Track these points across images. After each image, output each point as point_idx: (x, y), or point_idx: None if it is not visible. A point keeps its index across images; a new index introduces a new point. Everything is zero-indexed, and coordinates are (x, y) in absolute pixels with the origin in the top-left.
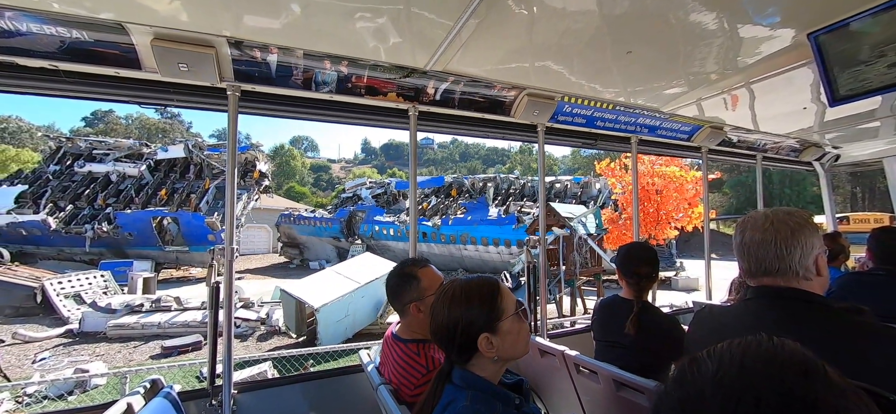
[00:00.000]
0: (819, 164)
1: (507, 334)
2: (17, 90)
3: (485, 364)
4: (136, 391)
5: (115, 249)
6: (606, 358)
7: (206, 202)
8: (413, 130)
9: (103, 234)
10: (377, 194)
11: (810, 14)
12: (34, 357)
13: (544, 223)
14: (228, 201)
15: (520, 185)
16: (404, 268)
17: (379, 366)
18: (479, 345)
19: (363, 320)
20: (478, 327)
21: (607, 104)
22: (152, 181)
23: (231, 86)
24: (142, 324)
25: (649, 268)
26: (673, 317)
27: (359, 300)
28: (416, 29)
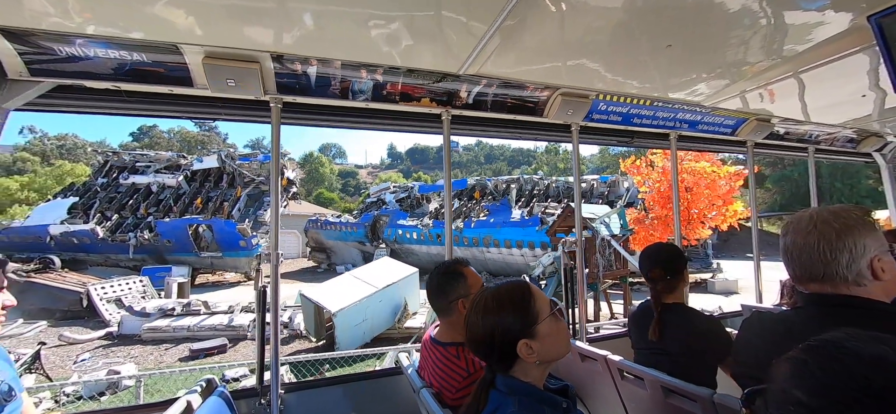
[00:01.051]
0: (880, 156)
1: (546, 337)
2: (85, 110)
3: (528, 369)
4: (193, 390)
5: (155, 255)
6: (645, 365)
7: (238, 210)
8: (446, 134)
9: (145, 241)
10: (401, 198)
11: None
12: (76, 358)
13: (580, 225)
14: (273, 208)
15: (544, 185)
16: (450, 266)
17: (418, 369)
18: (519, 351)
19: (381, 325)
20: (515, 334)
21: (644, 100)
22: (189, 191)
23: (274, 98)
24: (173, 327)
25: (661, 270)
26: (711, 317)
27: (376, 304)
28: (449, 34)
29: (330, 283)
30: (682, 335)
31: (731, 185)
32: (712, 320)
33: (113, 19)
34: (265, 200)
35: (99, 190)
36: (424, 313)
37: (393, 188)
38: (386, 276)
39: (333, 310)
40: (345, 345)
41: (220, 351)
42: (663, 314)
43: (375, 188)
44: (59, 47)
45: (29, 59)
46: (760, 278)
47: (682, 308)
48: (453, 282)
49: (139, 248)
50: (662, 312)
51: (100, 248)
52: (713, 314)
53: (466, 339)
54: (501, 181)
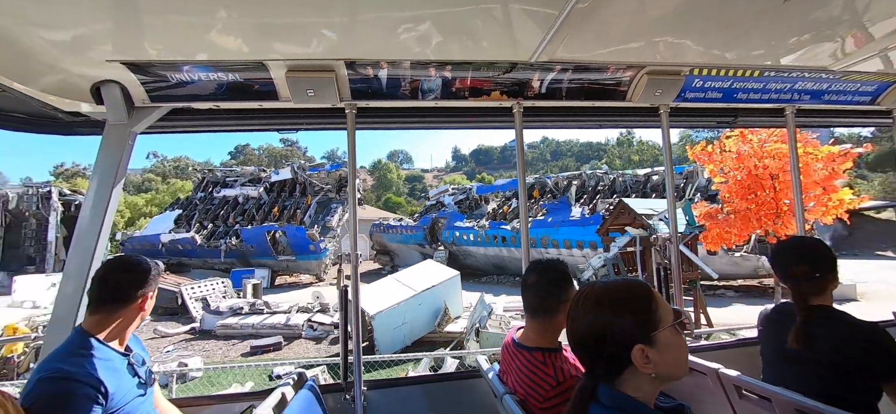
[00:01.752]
0: None
1: (666, 348)
2: (192, 129)
3: (640, 382)
4: (286, 383)
5: (242, 258)
6: (776, 381)
7: (308, 216)
8: (518, 127)
9: (233, 246)
10: (459, 200)
11: None
12: (163, 350)
13: (674, 220)
14: (351, 211)
15: (609, 180)
16: (559, 268)
17: (500, 373)
18: (633, 357)
19: (422, 328)
20: (631, 337)
21: (752, 71)
22: (267, 200)
23: (348, 104)
24: (240, 325)
25: (808, 266)
26: (874, 326)
27: (416, 308)
28: (519, 20)
29: (373, 285)
30: (835, 345)
31: (833, 168)
32: (877, 329)
33: (211, 45)
34: (332, 207)
35: (198, 203)
36: (466, 317)
37: (451, 190)
38: (427, 279)
39: (372, 313)
40: (384, 347)
41: (276, 348)
42: (809, 319)
43: (434, 191)
44: (171, 75)
45: (149, 87)
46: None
47: (834, 312)
48: (563, 285)
49: (229, 252)
50: (808, 317)
51: (198, 253)
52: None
53: (570, 334)
54: (562, 178)
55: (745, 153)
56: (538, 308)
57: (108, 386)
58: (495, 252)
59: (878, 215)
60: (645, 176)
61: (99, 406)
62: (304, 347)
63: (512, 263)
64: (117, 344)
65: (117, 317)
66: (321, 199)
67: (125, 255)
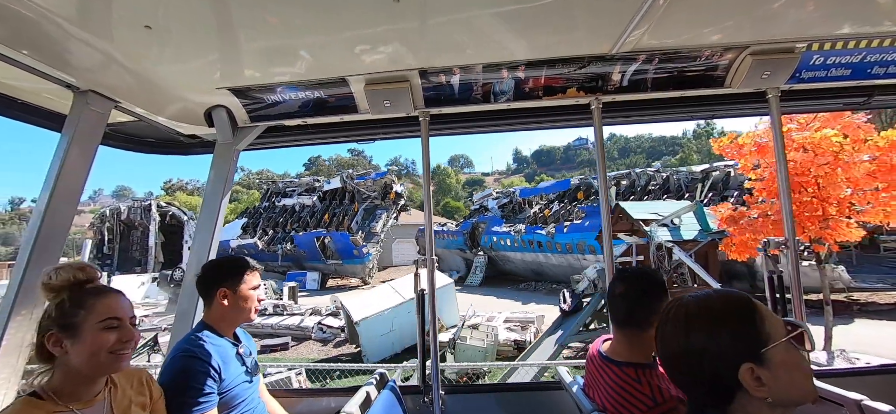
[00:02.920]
0: None
1: (780, 367)
2: (284, 145)
3: (755, 410)
4: (369, 382)
5: (297, 262)
6: None
7: (355, 222)
8: (598, 124)
9: (288, 251)
10: (503, 204)
11: None
12: None
13: (791, 223)
14: (426, 218)
15: (661, 179)
16: (650, 274)
17: (585, 387)
18: (741, 379)
19: (411, 336)
20: (736, 356)
21: (892, 40)
22: (320, 208)
23: (422, 112)
24: (261, 325)
25: None
26: None
27: (405, 315)
28: (598, 10)
29: (369, 292)
30: None
31: (891, 159)
32: None
33: (300, 66)
34: (377, 214)
35: (262, 211)
36: (455, 329)
37: (495, 194)
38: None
39: (356, 318)
40: (371, 353)
41: (283, 349)
42: None
43: (479, 195)
44: (267, 96)
45: (249, 108)
46: None
47: None
48: (656, 296)
49: (285, 256)
50: None
51: (260, 257)
52: None
53: (662, 359)
54: (611, 178)
55: (764, 146)
56: (626, 320)
57: (221, 367)
58: (532, 258)
59: None
60: (703, 173)
61: (214, 382)
62: (309, 348)
63: (549, 270)
64: (227, 334)
65: (212, 310)
66: (368, 207)
67: (216, 258)
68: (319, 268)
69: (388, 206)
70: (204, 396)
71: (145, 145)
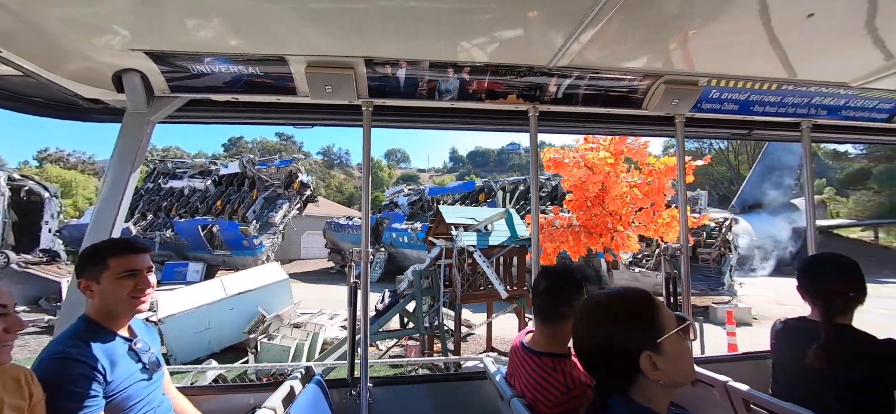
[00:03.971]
0: None
1: (672, 355)
2: (209, 121)
3: (650, 391)
4: (295, 376)
5: (178, 252)
6: (785, 393)
7: (252, 211)
8: (533, 132)
9: (167, 239)
10: (413, 201)
11: None
12: None
13: (686, 232)
14: (364, 211)
15: (552, 186)
16: (575, 274)
17: (507, 376)
18: (641, 365)
19: (232, 335)
20: (638, 345)
21: (770, 84)
22: (213, 194)
23: (365, 102)
24: None
25: (845, 286)
26: (892, 341)
27: (226, 313)
28: (540, 26)
29: (190, 287)
30: (859, 363)
31: (655, 181)
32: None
33: (234, 37)
34: (278, 203)
35: (143, 193)
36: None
37: (406, 191)
38: (248, 282)
39: (161, 315)
40: (179, 352)
41: None
42: (833, 337)
43: (390, 191)
44: (192, 65)
45: (170, 76)
46: None
47: (856, 331)
48: (574, 292)
49: (163, 245)
50: (832, 335)
51: None
52: None
53: (576, 350)
54: (509, 182)
55: (574, 161)
56: (548, 314)
57: (106, 368)
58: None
59: (848, 234)
60: (544, 183)
61: (97, 385)
62: None
63: None
64: (117, 328)
65: (91, 303)
66: (269, 195)
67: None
68: (205, 259)
69: (291, 195)
70: (89, 399)
71: (32, 106)
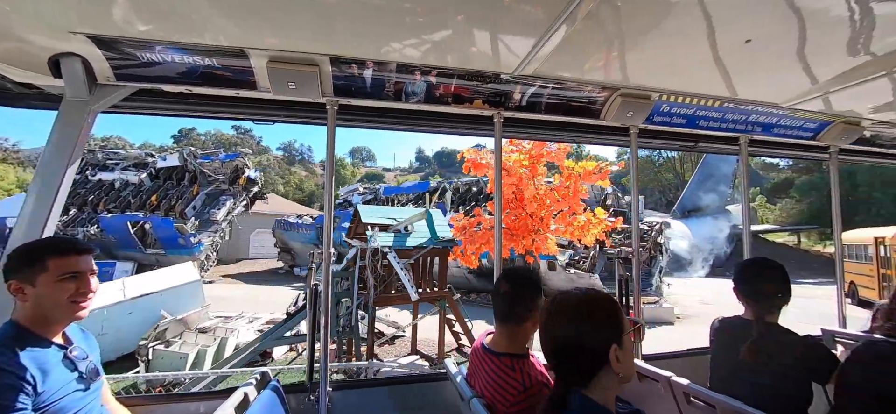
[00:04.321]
0: None
1: (627, 350)
2: (161, 113)
3: (607, 385)
4: (249, 383)
5: (106, 250)
6: (722, 386)
7: (192, 207)
8: (498, 137)
9: (92, 236)
10: (368, 200)
11: None
12: None
13: (637, 237)
14: (326, 209)
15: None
16: (528, 274)
17: (467, 377)
18: (610, 356)
19: (130, 342)
20: (607, 341)
21: (713, 101)
22: (149, 187)
23: (330, 100)
24: None
25: (775, 287)
26: (816, 341)
27: (124, 317)
28: (506, 35)
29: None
30: (785, 356)
31: (572, 185)
32: (817, 342)
33: (189, 26)
34: (221, 200)
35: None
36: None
37: (362, 190)
38: (153, 284)
39: None
40: None
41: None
42: (762, 334)
43: (344, 190)
44: (141, 53)
45: (115, 64)
46: (843, 301)
47: (783, 329)
48: (534, 294)
49: (88, 242)
50: (763, 332)
51: None
52: None
53: (546, 347)
54: (462, 183)
55: (482, 162)
56: (509, 316)
57: (36, 378)
58: None
59: (774, 239)
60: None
61: (25, 397)
62: None
63: None
64: (51, 335)
65: (20, 307)
66: (212, 191)
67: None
68: (136, 258)
69: (236, 191)
70: (14, 413)
71: None
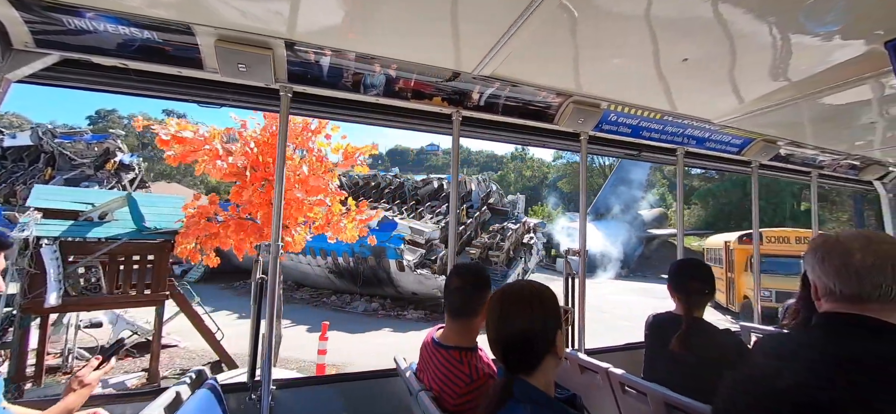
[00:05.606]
0: (881, 184)
1: (562, 336)
2: (90, 87)
3: (549, 371)
4: (183, 382)
5: None
6: (655, 376)
7: None
8: (456, 135)
9: None
10: None
11: (890, 20)
12: None
13: (584, 233)
14: (275, 199)
15: (397, 183)
16: (479, 269)
17: (417, 371)
18: (557, 342)
19: None
20: (554, 329)
21: (655, 114)
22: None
23: (284, 87)
24: None
25: (700, 283)
26: (732, 334)
27: None
28: (467, 33)
29: None
30: (707, 348)
31: (321, 174)
32: (734, 335)
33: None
34: (83, 187)
35: None
36: None
37: None
38: None
39: None
40: None
41: None
42: (690, 327)
43: None
44: (67, 19)
45: (35, 28)
46: (758, 298)
47: (707, 323)
48: (484, 288)
49: None
50: (690, 326)
51: None
52: None
53: (499, 340)
54: (395, 180)
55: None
56: (461, 310)
57: None
58: None
59: (683, 242)
60: (422, 182)
61: None
62: None
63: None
64: None
65: None
66: (74, 177)
67: None
68: None
69: (103, 178)
70: None
71: None
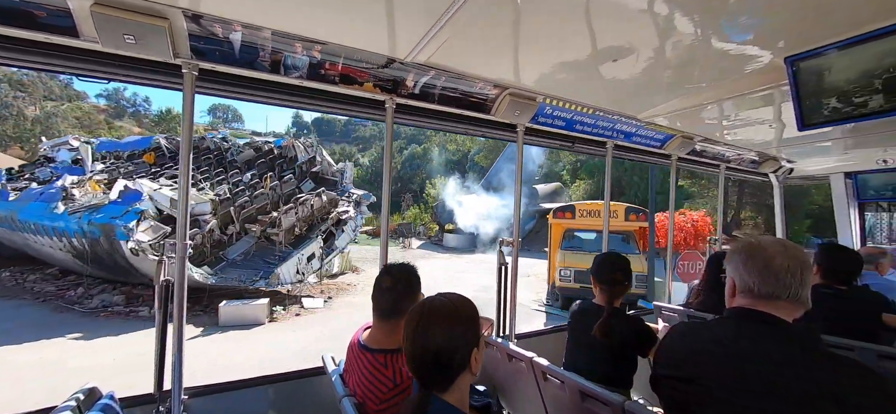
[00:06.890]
0: (774, 176)
1: (481, 351)
2: None
3: (464, 385)
4: (67, 405)
5: None
6: (577, 360)
7: None
8: (389, 123)
9: None
10: (78, 159)
11: (790, 39)
12: None
13: (518, 225)
14: (182, 190)
15: (252, 154)
16: (410, 269)
17: (343, 372)
18: (472, 360)
19: None
20: (472, 344)
21: (587, 109)
22: None
23: (187, 63)
24: None
25: (622, 275)
26: (640, 318)
27: None
28: (398, 18)
29: None
30: (624, 333)
31: None
32: (643, 321)
33: None
34: None
35: None
36: None
37: (73, 143)
38: None
39: None
40: None
41: None
42: (610, 315)
43: (50, 143)
44: None
45: None
46: (671, 278)
47: (623, 311)
48: (416, 288)
49: None
50: (610, 314)
51: None
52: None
53: (416, 356)
54: (202, 141)
55: None
56: (393, 311)
57: None
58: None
59: None
60: (244, 146)
61: None
62: None
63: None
64: None
65: None
66: None
67: None
68: None
69: None
70: None
71: None
